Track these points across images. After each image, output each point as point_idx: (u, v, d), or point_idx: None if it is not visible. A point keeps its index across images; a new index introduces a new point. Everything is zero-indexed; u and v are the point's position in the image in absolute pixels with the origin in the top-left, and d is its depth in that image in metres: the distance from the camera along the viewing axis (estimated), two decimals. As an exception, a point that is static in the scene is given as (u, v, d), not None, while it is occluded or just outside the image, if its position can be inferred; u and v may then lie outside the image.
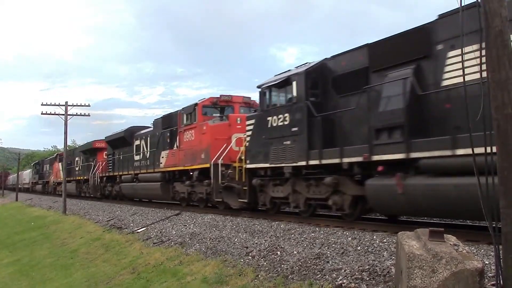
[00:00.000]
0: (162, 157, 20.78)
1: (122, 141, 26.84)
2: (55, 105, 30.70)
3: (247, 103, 18.52)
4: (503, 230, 4.76)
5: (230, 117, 17.03)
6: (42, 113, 31.10)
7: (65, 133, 30.87)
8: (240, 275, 8.78)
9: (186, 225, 14.92)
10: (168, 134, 20.41)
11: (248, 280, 8.40)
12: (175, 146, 19.58)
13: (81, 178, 36.15)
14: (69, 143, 50.23)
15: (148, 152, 22.81)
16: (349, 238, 9.23)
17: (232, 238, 11.60)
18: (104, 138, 31.07)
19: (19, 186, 72.79)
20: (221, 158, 15.65)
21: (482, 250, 7.16)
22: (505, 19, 4.71)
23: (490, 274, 5.83)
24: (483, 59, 4.91)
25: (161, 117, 21.92)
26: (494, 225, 4.96)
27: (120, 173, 26.77)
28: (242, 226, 12.83)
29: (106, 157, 30.77)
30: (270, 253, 9.44)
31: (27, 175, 73.44)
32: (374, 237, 8.96)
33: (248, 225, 12.78)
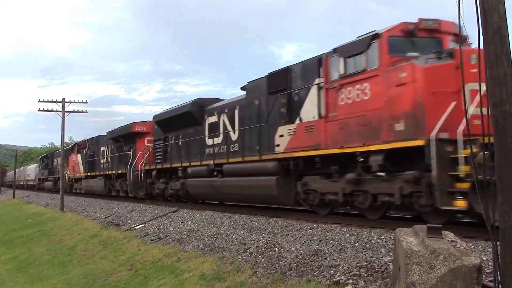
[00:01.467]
0: (281, 136, 12.88)
1: (184, 119, 18.74)
2: (52, 101, 30.81)
3: (456, 35, 9.89)
4: (501, 227, 4.78)
5: (458, 53, 8.50)
6: (39, 110, 31.13)
7: (63, 129, 30.95)
8: (238, 272, 8.79)
9: (184, 222, 14.92)
10: (285, 100, 12.93)
11: (246, 277, 8.41)
12: (317, 114, 11.56)
13: (112, 172, 27.82)
14: (66, 140, 49.82)
15: (237, 131, 15.29)
16: (347, 235, 9.24)
17: (230, 235, 11.61)
18: (151, 119, 23.29)
19: (22, 183, 69.00)
20: (460, 128, 8.23)
21: (480, 247, 7.18)
22: (503, 15, 4.71)
23: (488, 271, 5.85)
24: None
25: (266, 75, 14.00)
26: (491, 222, 4.97)
27: (183, 164, 18.46)
28: (240, 222, 12.83)
29: (150, 144, 23.29)
30: (268, 250, 9.45)
31: (32, 170, 63.98)
32: (372, 233, 8.98)
33: (246, 221, 12.78)
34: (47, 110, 31.15)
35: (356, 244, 8.45)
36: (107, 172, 28.85)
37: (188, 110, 18.35)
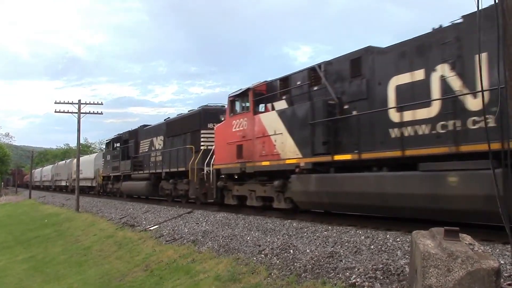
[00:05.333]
0: None
1: None
2: (68, 103, 31.12)
3: None
4: (520, 230, 4.71)
5: None
6: (55, 111, 31.55)
7: (78, 131, 31.20)
8: (253, 273, 8.80)
9: (198, 223, 14.98)
10: None
11: (261, 278, 8.42)
12: None
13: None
14: (81, 141, 49.49)
15: None
16: (362, 237, 9.21)
17: (244, 236, 11.62)
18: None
19: (65, 184, 51.21)
20: None
21: (498, 250, 7.12)
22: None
23: (506, 274, 5.80)
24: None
25: None
26: (511, 225, 4.92)
27: None
28: (255, 224, 12.85)
29: None
30: (283, 252, 9.45)
31: (88, 164, 40.84)
32: (388, 236, 8.94)
33: (261, 223, 12.80)
34: (63, 112, 31.53)
35: (372, 247, 8.42)
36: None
37: None
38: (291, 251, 9.34)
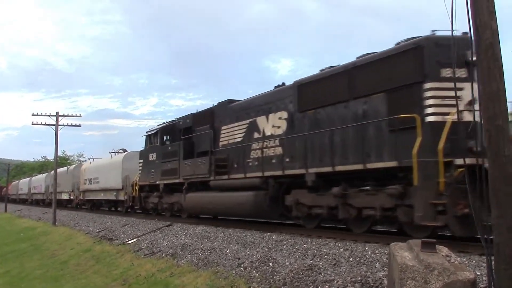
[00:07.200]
0: None
1: None
2: (46, 115, 30.69)
3: None
4: (495, 241, 4.79)
5: None
6: (32, 124, 31.01)
7: (56, 143, 30.80)
8: (232, 287, 8.74)
9: (177, 236, 14.83)
10: None
11: (240, 292, 8.37)
12: None
13: None
14: (59, 154, 48.90)
15: None
16: (341, 249, 9.22)
17: (223, 250, 11.54)
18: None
19: (70, 197, 38.54)
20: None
21: (474, 261, 7.18)
22: (495, 31, 4.77)
23: (482, 285, 5.85)
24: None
25: None
26: (486, 236, 4.98)
27: None
28: (234, 237, 12.77)
29: None
30: (262, 265, 9.40)
31: (110, 169, 28.55)
32: (366, 248, 8.96)
33: (240, 236, 12.73)
34: (41, 124, 31.04)
35: (351, 259, 8.43)
36: None
37: None
38: (271, 264, 9.30)
